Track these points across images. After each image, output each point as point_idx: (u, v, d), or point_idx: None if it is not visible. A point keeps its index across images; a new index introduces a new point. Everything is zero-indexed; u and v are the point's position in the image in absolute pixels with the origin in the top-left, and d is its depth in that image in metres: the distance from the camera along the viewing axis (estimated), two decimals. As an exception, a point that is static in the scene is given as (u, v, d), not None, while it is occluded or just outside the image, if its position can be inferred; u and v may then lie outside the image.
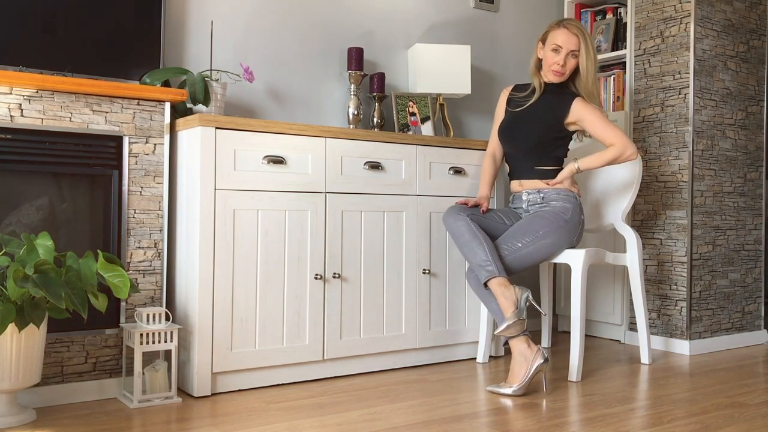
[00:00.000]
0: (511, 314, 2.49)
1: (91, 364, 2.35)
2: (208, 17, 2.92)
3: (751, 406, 2.36)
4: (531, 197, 2.84)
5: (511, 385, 2.46)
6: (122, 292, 2.07)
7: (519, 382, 2.46)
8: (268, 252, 2.53)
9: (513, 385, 2.46)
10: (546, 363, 2.47)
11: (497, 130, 2.96)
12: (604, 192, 3.17)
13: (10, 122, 2.21)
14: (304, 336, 2.60)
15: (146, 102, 2.45)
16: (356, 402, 2.36)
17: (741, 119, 3.48)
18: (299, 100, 3.16)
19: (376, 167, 2.77)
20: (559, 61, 2.78)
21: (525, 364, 2.47)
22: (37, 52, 2.38)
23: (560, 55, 2.78)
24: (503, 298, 2.53)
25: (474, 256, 2.62)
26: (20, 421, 2.05)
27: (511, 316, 2.49)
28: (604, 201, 3.16)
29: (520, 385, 2.45)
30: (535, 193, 2.83)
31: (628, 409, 2.31)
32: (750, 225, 3.53)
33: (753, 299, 3.55)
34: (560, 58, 2.78)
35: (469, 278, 2.77)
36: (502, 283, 2.56)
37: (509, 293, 2.53)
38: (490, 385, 2.54)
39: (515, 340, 2.51)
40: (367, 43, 3.34)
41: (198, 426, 2.07)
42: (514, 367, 2.49)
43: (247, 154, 2.48)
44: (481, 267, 2.60)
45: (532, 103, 2.87)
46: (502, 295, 2.54)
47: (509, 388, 2.46)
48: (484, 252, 2.61)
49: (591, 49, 2.79)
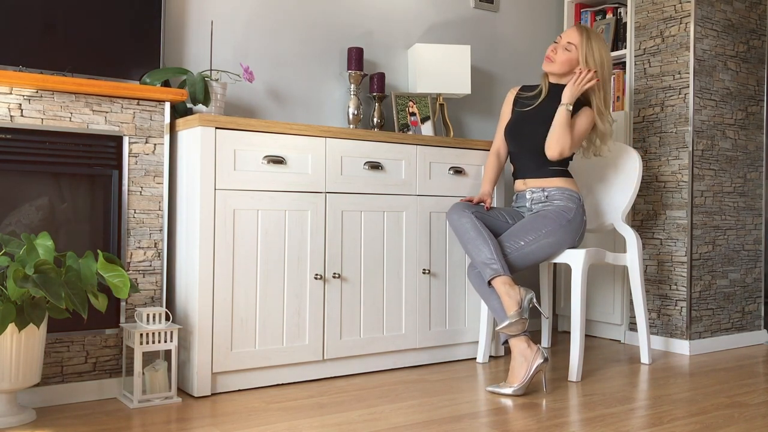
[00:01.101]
0: (514, 313, 2.49)
1: (91, 364, 2.35)
2: (208, 17, 2.92)
3: (751, 406, 2.36)
4: (535, 196, 2.84)
5: (512, 384, 2.46)
6: (122, 292, 2.07)
7: (519, 381, 2.46)
8: (268, 252, 2.52)
9: (513, 385, 2.46)
10: (546, 363, 2.47)
11: (503, 129, 2.96)
12: (604, 192, 3.17)
13: (10, 122, 2.21)
14: (304, 336, 2.60)
15: (146, 102, 2.45)
16: (356, 402, 2.36)
17: (741, 119, 3.48)
18: (299, 100, 3.16)
19: (376, 167, 2.77)
20: (553, 48, 2.84)
21: (525, 364, 2.47)
22: (37, 52, 2.38)
23: (557, 45, 2.84)
24: (507, 297, 2.53)
25: (479, 253, 2.62)
26: (20, 421, 2.05)
27: (514, 314, 2.49)
28: (603, 201, 3.16)
29: (520, 385, 2.45)
30: (540, 191, 2.83)
31: (628, 409, 2.31)
32: (750, 225, 3.53)
33: (753, 299, 3.55)
34: (555, 46, 2.84)
35: (470, 275, 2.76)
36: (506, 281, 2.55)
37: (513, 292, 2.53)
38: (490, 386, 2.54)
39: (515, 340, 2.51)
40: (367, 43, 3.34)
41: (198, 426, 2.07)
42: (514, 367, 2.49)
43: (247, 154, 2.48)
44: (485, 265, 2.59)
45: (538, 104, 2.88)
46: (507, 294, 2.53)
47: (509, 388, 2.46)
48: (489, 250, 2.60)
49: (595, 51, 2.77)
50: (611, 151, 3.09)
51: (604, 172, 3.17)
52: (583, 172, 3.22)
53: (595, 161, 3.17)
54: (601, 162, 3.16)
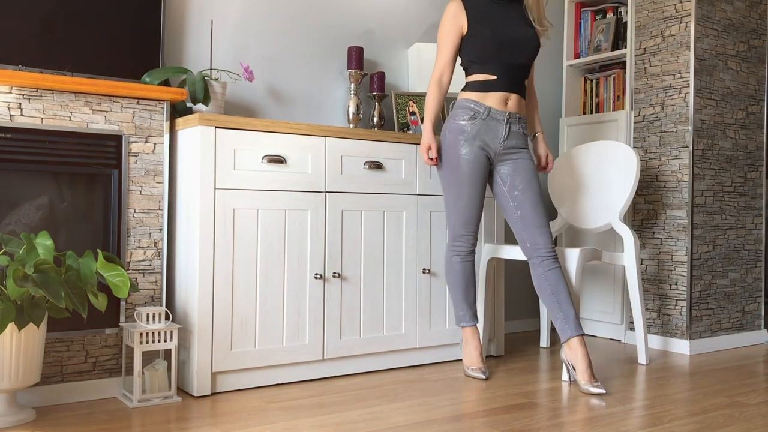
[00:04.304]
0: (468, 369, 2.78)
1: (91, 364, 2.35)
2: (208, 17, 2.92)
3: (751, 406, 2.36)
4: (512, 128, 2.63)
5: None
6: (122, 291, 2.07)
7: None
8: (268, 251, 2.52)
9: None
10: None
11: (454, 47, 2.67)
12: (602, 191, 3.16)
13: (10, 121, 2.21)
14: (304, 335, 2.60)
15: (146, 101, 2.45)
16: (356, 402, 2.36)
17: (741, 119, 3.48)
18: (299, 100, 3.16)
19: (376, 167, 2.77)
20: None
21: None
22: (36, 51, 2.38)
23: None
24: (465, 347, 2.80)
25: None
26: (20, 421, 2.05)
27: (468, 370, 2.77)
28: (601, 200, 3.16)
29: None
30: (517, 122, 2.65)
31: (627, 408, 2.31)
32: (750, 225, 3.53)
33: (753, 299, 3.55)
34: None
35: (445, 262, 2.78)
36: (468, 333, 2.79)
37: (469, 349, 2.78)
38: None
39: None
40: (367, 43, 3.34)
41: (198, 425, 2.07)
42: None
43: (246, 153, 2.48)
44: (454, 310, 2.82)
45: (511, 12, 2.69)
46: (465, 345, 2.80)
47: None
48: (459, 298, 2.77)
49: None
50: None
51: (602, 171, 3.17)
52: (581, 171, 3.22)
53: (594, 161, 3.17)
54: (598, 161, 3.16)
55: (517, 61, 2.65)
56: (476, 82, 2.64)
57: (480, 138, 2.61)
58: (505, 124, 2.62)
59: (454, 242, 2.71)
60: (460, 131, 2.61)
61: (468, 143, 2.60)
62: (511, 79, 2.64)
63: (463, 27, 2.65)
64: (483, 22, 2.63)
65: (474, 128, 2.60)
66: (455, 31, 2.65)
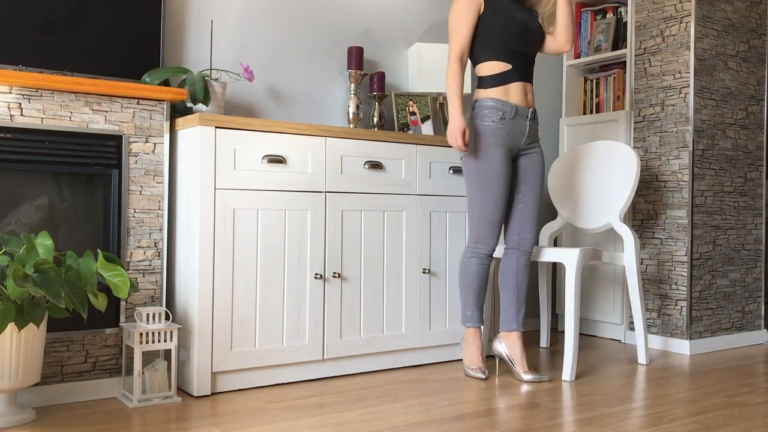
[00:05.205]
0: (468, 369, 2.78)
1: (91, 364, 2.35)
2: (208, 17, 2.92)
3: (751, 406, 2.36)
4: (531, 125, 2.73)
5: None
6: (122, 291, 2.07)
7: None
8: (268, 251, 2.52)
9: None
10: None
11: (470, 29, 2.65)
12: (602, 191, 3.16)
13: (10, 121, 2.21)
14: (304, 335, 2.60)
15: (146, 101, 2.45)
16: (356, 402, 2.36)
17: (741, 119, 3.48)
18: (299, 100, 3.16)
19: (376, 167, 2.77)
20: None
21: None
22: (36, 51, 2.38)
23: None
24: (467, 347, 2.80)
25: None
26: (20, 421, 2.05)
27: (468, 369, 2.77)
28: (601, 200, 3.16)
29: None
30: (532, 115, 2.73)
31: (627, 408, 2.31)
32: (750, 225, 3.53)
33: (753, 299, 3.55)
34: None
35: (461, 263, 2.78)
36: (470, 333, 2.78)
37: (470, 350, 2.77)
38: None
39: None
40: (367, 42, 3.34)
41: (198, 426, 2.07)
42: None
43: (246, 153, 2.48)
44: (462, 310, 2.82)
45: (519, 4, 2.75)
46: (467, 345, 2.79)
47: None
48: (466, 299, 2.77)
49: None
50: None
51: (602, 171, 3.17)
52: (581, 171, 3.22)
53: (594, 161, 3.17)
54: (599, 161, 3.16)
55: (529, 50, 2.70)
56: (493, 76, 2.66)
57: (510, 138, 2.67)
58: (528, 120, 2.69)
59: (477, 244, 2.70)
60: (492, 133, 2.64)
61: (499, 146, 2.64)
62: (526, 69, 2.70)
63: (480, 6, 2.65)
64: (496, 9, 2.66)
65: (503, 130, 2.64)
66: (473, 9, 2.64)
